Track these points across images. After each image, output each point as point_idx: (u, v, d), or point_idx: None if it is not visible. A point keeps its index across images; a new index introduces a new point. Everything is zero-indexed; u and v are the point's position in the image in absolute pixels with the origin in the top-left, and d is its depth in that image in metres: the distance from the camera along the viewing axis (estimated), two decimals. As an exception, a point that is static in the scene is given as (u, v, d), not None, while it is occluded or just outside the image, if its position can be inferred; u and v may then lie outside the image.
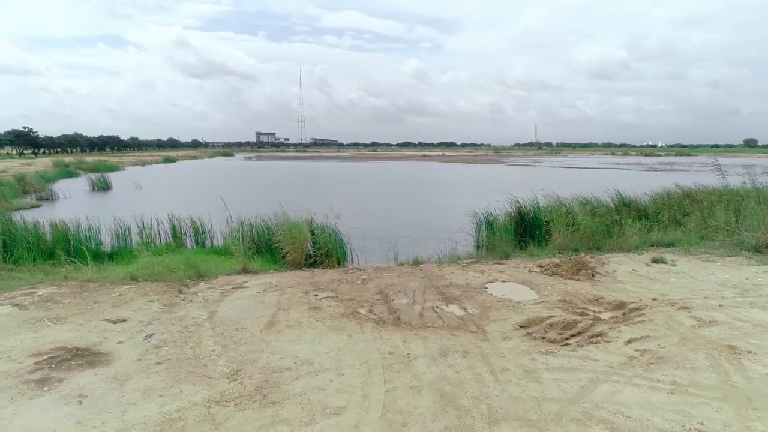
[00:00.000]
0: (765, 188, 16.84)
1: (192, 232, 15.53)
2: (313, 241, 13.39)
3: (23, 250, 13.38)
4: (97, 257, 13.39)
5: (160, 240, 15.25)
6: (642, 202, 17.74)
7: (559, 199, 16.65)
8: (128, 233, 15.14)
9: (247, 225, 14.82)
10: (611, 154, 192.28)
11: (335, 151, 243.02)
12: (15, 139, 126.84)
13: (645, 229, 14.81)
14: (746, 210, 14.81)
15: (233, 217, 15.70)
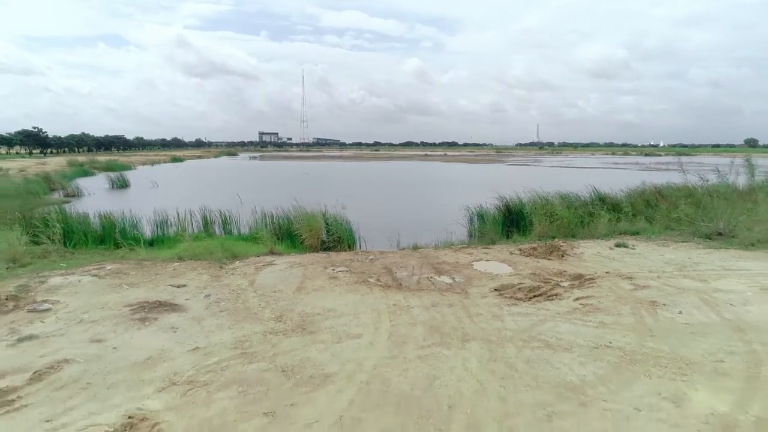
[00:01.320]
0: (727, 185, 18.94)
1: (220, 222, 17.78)
2: (327, 229, 15.64)
3: (79, 236, 15.66)
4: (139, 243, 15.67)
5: (192, 229, 17.51)
6: (616, 197, 19.94)
7: (542, 195, 18.86)
8: (165, 223, 17.40)
9: (269, 216, 17.07)
10: (612, 153, 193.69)
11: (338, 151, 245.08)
12: (25, 139, 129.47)
13: (614, 220, 16.99)
14: (707, 204, 16.96)
15: (255, 209, 17.98)
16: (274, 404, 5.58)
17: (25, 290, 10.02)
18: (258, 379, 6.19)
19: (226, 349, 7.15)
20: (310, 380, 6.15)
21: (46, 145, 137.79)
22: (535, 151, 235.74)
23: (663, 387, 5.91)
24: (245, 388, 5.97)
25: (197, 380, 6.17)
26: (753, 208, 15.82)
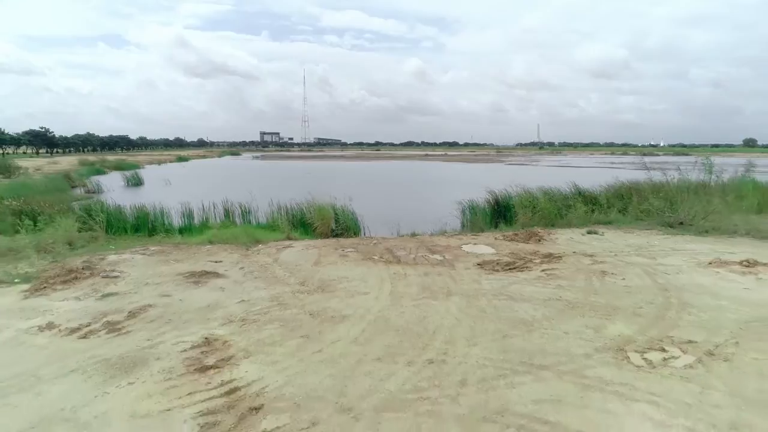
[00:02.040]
0: (688, 182, 21.00)
1: (240, 213, 19.97)
2: (336, 218, 17.81)
3: (119, 225, 17.86)
4: (172, 231, 17.87)
5: (215, 219, 19.69)
6: (593, 191, 22.08)
7: (527, 190, 21.03)
8: (191, 215, 19.59)
9: (284, 207, 19.25)
10: (611, 153, 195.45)
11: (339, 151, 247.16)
12: (32, 139, 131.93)
13: (590, 211, 19.14)
14: (672, 198, 19.09)
15: (272, 202, 20.16)
16: (307, 331, 7.75)
17: (91, 264, 12.21)
18: (292, 319, 8.36)
19: (264, 301, 9.33)
20: (332, 319, 8.32)
21: (52, 145, 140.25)
22: (535, 151, 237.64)
23: (590, 322, 8.08)
24: (284, 323, 8.15)
25: (248, 319, 8.36)
26: (709, 201, 17.91)
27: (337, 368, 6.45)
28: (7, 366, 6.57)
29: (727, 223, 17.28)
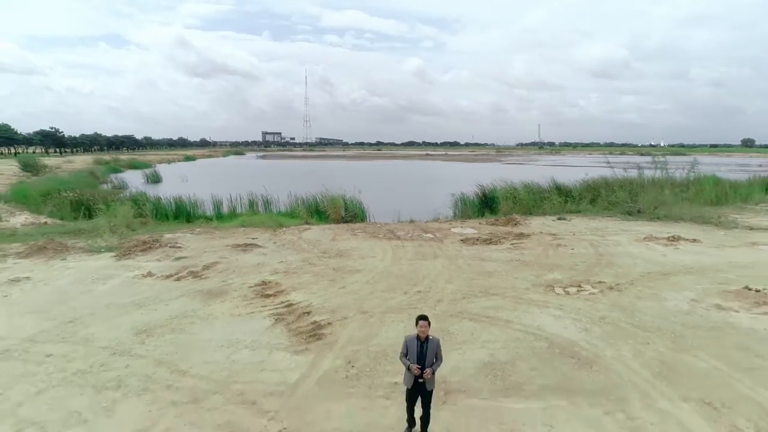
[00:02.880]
0: (644, 178, 24.04)
1: (263, 203, 23.17)
2: (346, 207, 21.00)
3: (162, 212, 21.07)
4: (209, 217, 21.08)
5: (241, 208, 22.90)
6: (569, 185, 25.25)
7: (511, 184, 24.22)
8: (220, 205, 22.81)
9: (301, 199, 22.46)
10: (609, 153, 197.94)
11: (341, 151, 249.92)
12: (43, 139, 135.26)
13: (563, 202, 22.32)
14: (632, 191, 22.24)
15: (291, 194, 23.37)
16: (333, 278, 10.95)
17: (156, 239, 15.42)
18: (321, 271, 11.56)
19: (298, 261, 12.54)
20: (349, 271, 11.52)
21: (62, 145, 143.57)
22: (535, 151, 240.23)
23: (535, 272, 11.28)
24: (315, 273, 11.34)
25: (289, 271, 11.56)
26: (660, 193, 21.04)
27: (356, 295, 9.65)
28: (135, 294, 9.78)
29: (677, 211, 20.43)
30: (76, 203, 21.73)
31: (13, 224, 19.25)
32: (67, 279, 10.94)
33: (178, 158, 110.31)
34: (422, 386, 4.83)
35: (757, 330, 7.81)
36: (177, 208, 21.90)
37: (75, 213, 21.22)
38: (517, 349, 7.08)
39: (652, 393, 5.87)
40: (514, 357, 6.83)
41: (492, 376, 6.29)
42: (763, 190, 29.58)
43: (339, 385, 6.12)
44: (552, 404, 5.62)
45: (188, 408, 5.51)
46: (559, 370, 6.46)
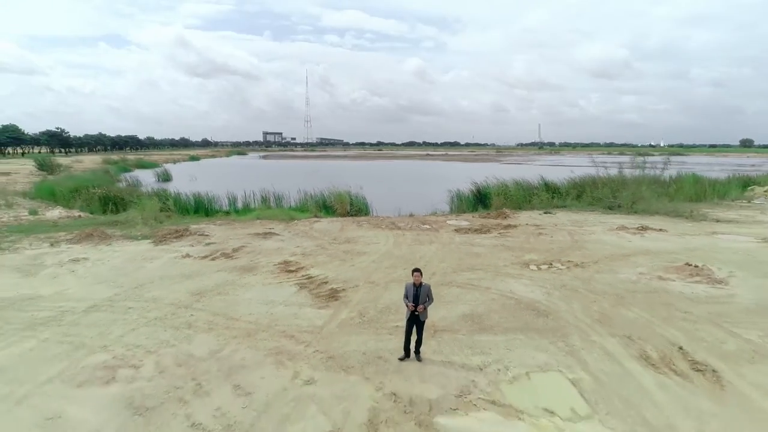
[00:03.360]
0: (624, 176, 25.93)
1: (274, 199, 25.16)
2: (351, 202, 22.98)
3: (183, 207, 23.06)
4: (228, 211, 23.06)
5: (254, 204, 24.88)
6: (557, 183, 27.23)
7: (503, 181, 26.21)
8: (235, 200, 24.80)
9: (309, 195, 24.45)
10: (608, 153, 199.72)
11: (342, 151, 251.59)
12: (49, 139, 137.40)
13: (550, 198, 24.30)
14: (614, 187, 24.21)
15: (295, 191, 25.35)
16: (343, 258, 12.94)
17: (185, 229, 17.41)
18: (333, 254, 13.55)
19: (312, 246, 14.53)
20: (357, 254, 13.51)
21: (67, 145, 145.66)
22: (535, 151, 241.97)
23: (515, 254, 13.27)
24: (328, 255, 13.34)
25: (305, 253, 13.56)
26: (638, 190, 23.00)
27: (364, 270, 11.65)
28: (181, 270, 11.77)
29: (654, 206, 22.40)
30: (104, 199, 23.73)
31: (50, 217, 21.27)
32: (119, 259, 12.95)
33: (183, 158, 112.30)
34: (417, 318, 6.80)
35: (685, 293, 9.80)
36: (196, 203, 23.89)
37: (103, 207, 23.22)
38: (491, 305, 9.07)
39: (588, 331, 7.86)
40: (488, 310, 8.82)
41: (470, 322, 8.27)
42: (741, 187, 31.53)
43: (354, 327, 8.11)
44: (512, 338, 7.60)
45: (245, 339, 7.51)
46: (521, 318, 8.45)
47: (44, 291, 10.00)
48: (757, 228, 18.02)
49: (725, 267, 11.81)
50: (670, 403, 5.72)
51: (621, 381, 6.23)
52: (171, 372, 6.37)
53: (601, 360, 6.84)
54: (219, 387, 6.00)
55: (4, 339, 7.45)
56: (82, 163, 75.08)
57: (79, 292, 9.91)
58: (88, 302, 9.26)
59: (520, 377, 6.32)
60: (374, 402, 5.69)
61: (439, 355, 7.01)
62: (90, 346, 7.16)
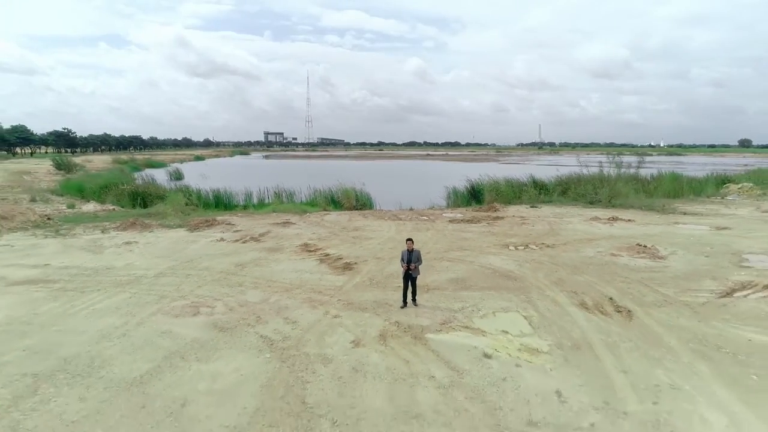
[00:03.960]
0: (603, 174, 28.33)
1: (287, 195, 27.62)
2: (356, 197, 25.43)
3: (203, 201, 25.53)
4: (246, 205, 25.53)
5: (268, 199, 27.34)
6: (544, 180, 29.67)
7: (495, 179, 28.67)
8: (250, 196, 27.28)
9: (319, 191, 26.92)
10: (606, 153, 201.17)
11: (343, 151, 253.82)
12: (56, 139, 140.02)
13: (538, 193, 26.74)
14: (596, 184, 26.64)
15: (305, 188, 27.82)
16: (353, 241, 15.39)
17: (212, 219, 19.86)
18: (343, 238, 16.00)
19: (325, 233, 16.98)
20: (365, 239, 15.96)
21: (74, 145, 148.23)
22: (534, 151, 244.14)
23: (498, 238, 15.71)
24: (340, 239, 15.78)
25: (321, 238, 16.00)
26: (614, 186, 25.44)
27: (371, 250, 14.10)
28: (220, 249, 14.22)
29: (630, 201, 24.86)
30: (132, 194, 26.20)
31: (87, 210, 23.75)
32: (165, 242, 15.40)
33: (188, 158, 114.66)
34: (410, 275, 9.20)
35: (629, 265, 12.24)
36: (216, 198, 26.36)
37: (132, 202, 25.68)
38: (473, 273, 11.52)
39: (546, 290, 10.29)
40: (470, 276, 11.26)
41: (455, 283, 10.71)
42: (717, 185, 33.92)
43: (366, 287, 10.55)
44: (486, 293, 10.03)
45: (285, 293, 9.95)
46: (494, 281, 10.89)
47: (116, 263, 12.46)
48: (716, 219, 20.44)
49: (671, 247, 14.25)
50: (590, 328, 8.15)
51: (560, 317, 8.66)
52: (237, 310, 8.82)
53: (549, 305, 9.27)
54: (273, 318, 8.45)
55: (106, 292, 9.91)
56: (92, 163, 77.54)
57: (144, 264, 12.36)
58: (155, 270, 11.71)
59: (487, 314, 8.76)
60: (383, 326, 8.12)
61: (430, 302, 9.44)
62: (171, 296, 9.61)
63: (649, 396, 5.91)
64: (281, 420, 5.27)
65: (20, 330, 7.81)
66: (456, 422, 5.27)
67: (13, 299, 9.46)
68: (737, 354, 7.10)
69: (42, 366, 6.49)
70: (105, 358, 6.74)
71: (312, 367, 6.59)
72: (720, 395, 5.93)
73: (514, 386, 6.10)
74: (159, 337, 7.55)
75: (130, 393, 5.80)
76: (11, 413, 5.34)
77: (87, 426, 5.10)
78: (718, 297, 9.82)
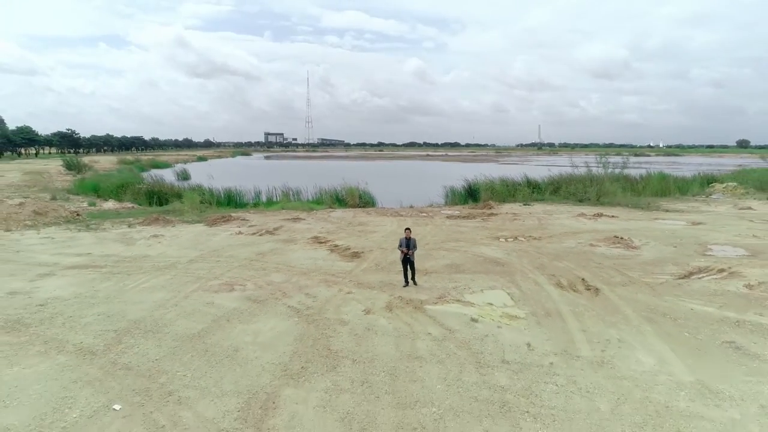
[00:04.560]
0: (592, 174, 29.94)
1: (294, 193, 29.22)
2: (360, 196, 27.03)
3: (217, 200, 27.13)
4: (257, 203, 27.14)
5: (276, 197, 28.94)
6: (537, 180, 31.29)
7: (490, 179, 30.30)
8: (260, 194, 28.88)
9: (324, 189, 28.53)
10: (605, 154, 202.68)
11: (343, 151, 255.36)
12: (60, 140, 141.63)
13: (531, 192, 28.36)
14: (585, 183, 28.26)
15: (306, 187, 29.44)
16: (358, 234, 16.99)
17: (228, 216, 21.45)
18: (350, 232, 17.60)
19: (333, 227, 18.58)
20: (370, 232, 17.56)
21: (78, 146, 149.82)
22: (534, 152, 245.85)
23: (491, 232, 17.33)
24: (347, 232, 17.39)
25: (330, 231, 17.61)
26: (602, 185, 27.07)
27: (376, 242, 15.70)
28: (239, 241, 15.82)
29: (618, 199, 26.48)
30: (149, 193, 27.80)
31: (107, 207, 25.35)
32: (188, 235, 17.00)
33: (191, 158, 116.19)
34: (408, 259, 10.79)
35: (604, 253, 13.85)
36: (227, 197, 27.96)
37: (149, 200, 27.27)
38: (466, 260, 13.12)
39: (528, 273, 11.88)
40: (463, 262, 12.87)
41: (450, 268, 12.31)
42: (703, 184, 35.53)
43: (372, 271, 12.15)
44: (476, 275, 11.63)
45: (303, 276, 11.55)
46: (484, 266, 12.49)
47: (150, 253, 14.06)
48: (694, 215, 22.05)
49: (645, 239, 15.86)
50: (562, 301, 9.74)
51: (538, 293, 10.26)
52: (264, 288, 10.43)
53: (530, 285, 10.87)
54: (296, 294, 10.05)
55: (149, 275, 11.52)
56: (99, 163, 79.07)
57: (175, 254, 13.97)
58: (186, 258, 13.32)
59: (476, 291, 10.36)
60: (388, 300, 9.72)
61: (428, 283, 11.04)
62: (206, 278, 11.22)
63: (600, 346, 7.51)
64: (313, 359, 6.88)
65: (89, 302, 9.42)
66: (447, 361, 6.87)
67: (72, 280, 11.06)
68: (678, 319, 8.71)
69: (118, 325, 8.09)
70: (166, 321, 8.34)
71: (333, 327, 8.19)
72: (655, 345, 7.53)
73: (494, 340, 7.70)
74: (204, 306, 9.16)
75: (193, 342, 7.40)
76: (107, 354, 6.93)
77: (168, 362, 6.69)
78: (676, 279, 11.43)
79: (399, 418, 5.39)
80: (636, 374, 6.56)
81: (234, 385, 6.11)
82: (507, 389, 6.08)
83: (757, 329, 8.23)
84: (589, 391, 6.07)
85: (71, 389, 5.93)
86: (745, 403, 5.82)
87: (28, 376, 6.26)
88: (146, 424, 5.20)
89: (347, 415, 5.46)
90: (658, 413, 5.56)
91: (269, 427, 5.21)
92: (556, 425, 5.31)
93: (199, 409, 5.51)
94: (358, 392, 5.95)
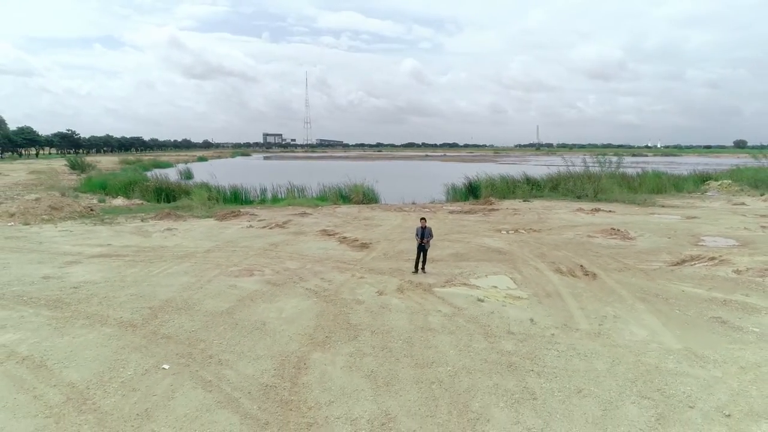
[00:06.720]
0: (590, 172, 30.69)
1: (298, 191, 29.85)
2: (364, 193, 27.68)
3: (225, 197, 27.75)
4: (264, 200, 27.76)
5: (281, 195, 29.57)
6: (536, 178, 31.98)
7: (491, 177, 30.98)
8: (265, 191, 29.51)
9: (328, 187, 29.17)
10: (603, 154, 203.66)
11: (342, 152, 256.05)
12: (61, 141, 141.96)
13: (530, 189, 29.05)
14: (583, 181, 28.96)
15: (315, 185, 30.08)
16: (365, 227, 17.64)
17: (237, 211, 22.07)
18: (356, 225, 18.25)
19: (340, 222, 19.22)
20: (375, 226, 18.21)
21: (78, 146, 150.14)
22: (532, 152, 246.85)
23: (492, 225, 17.99)
24: (354, 226, 18.04)
25: (337, 225, 18.25)
26: (599, 182, 27.79)
27: (383, 234, 16.35)
28: (251, 234, 16.45)
29: (615, 195, 27.19)
30: (157, 190, 28.41)
31: (117, 204, 25.94)
32: (201, 229, 17.63)
33: (192, 159, 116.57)
34: (423, 247, 11.45)
35: (602, 244, 14.53)
36: (234, 194, 28.59)
37: (157, 197, 27.87)
38: (470, 249, 13.78)
39: (529, 261, 12.55)
40: (467, 251, 13.53)
41: (455, 257, 12.97)
42: (699, 182, 36.29)
43: (381, 259, 12.80)
44: (480, 263, 12.29)
45: (317, 263, 12.19)
46: (487, 255, 13.15)
47: (167, 243, 14.69)
48: (689, 210, 22.77)
49: (641, 231, 16.55)
50: (562, 284, 10.41)
51: (538, 278, 10.93)
52: (282, 273, 11.07)
53: (531, 271, 11.54)
54: (312, 278, 10.70)
55: (171, 262, 12.14)
56: (101, 163, 79.50)
57: (191, 245, 14.60)
58: (203, 248, 13.95)
59: (481, 276, 11.02)
60: (399, 284, 10.37)
61: (435, 270, 11.70)
62: (225, 265, 11.86)
63: (597, 321, 8.17)
64: (335, 331, 7.52)
65: (119, 285, 10.05)
66: (458, 332, 7.52)
67: (98, 267, 11.68)
68: (669, 299, 9.38)
69: (151, 304, 8.72)
70: (194, 301, 8.97)
71: (350, 305, 8.84)
72: (648, 320, 8.20)
73: (500, 316, 8.36)
74: (228, 288, 9.80)
75: (223, 318, 8.04)
76: (147, 326, 7.57)
77: (203, 333, 7.33)
78: (669, 265, 12.11)
79: (418, 375, 6.05)
80: (630, 343, 7.23)
81: (267, 350, 6.76)
82: (513, 353, 6.74)
83: (743, 307, 8.91)
84: (587, 356, 6.73)
85: (121, 353, 6.57)
86: (726, 365, 6.49)
87: (80, 344, 6.89)
88: (195, 380, 5.84)
89: (372, 372, 6.11)
90: (648, 372, 6.23)
91: (303, 382, 5.85)
92: (557, 380, 5.97)
93: (239, 368, 6.16)
94: (379, 356, 6.61)
